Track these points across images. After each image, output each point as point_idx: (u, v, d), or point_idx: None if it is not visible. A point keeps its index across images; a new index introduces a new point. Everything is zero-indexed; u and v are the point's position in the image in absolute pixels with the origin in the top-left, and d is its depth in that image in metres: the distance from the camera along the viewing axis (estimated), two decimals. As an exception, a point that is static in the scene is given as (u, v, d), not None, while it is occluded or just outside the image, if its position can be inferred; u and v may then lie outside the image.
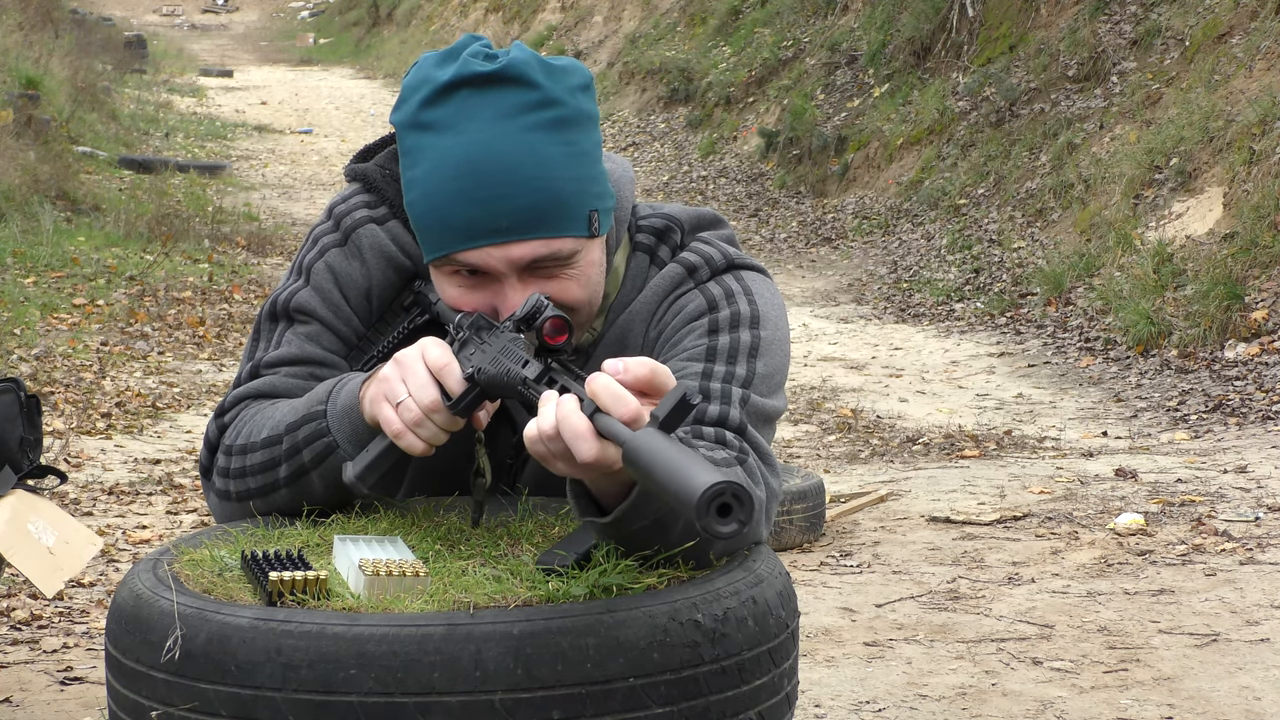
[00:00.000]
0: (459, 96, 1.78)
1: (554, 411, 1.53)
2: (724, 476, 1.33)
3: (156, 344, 8.29)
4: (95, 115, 16.69)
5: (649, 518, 1.58)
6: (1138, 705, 3.49)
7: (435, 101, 1.79)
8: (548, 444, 1.53)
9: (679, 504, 1.35)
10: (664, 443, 1.40)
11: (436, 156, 1.78)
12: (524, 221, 1.77)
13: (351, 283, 1.95)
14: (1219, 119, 9.29)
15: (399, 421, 1.71)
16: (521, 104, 1.78)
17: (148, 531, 5.03)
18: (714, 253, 1.94)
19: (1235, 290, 7.81)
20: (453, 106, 1.78)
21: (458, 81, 1.78)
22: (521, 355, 1.68)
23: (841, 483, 5.86)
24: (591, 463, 1.50)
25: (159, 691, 1.56)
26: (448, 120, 1.78)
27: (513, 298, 1.80)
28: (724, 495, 1.32)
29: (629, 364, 1.52)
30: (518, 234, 1.77)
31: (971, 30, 13.53)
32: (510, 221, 1.77)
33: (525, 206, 1.77)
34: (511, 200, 1.77)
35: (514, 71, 1.78)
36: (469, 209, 1.77)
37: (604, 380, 1.50)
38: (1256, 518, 5.01)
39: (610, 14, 21.23)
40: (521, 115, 1.78)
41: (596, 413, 1.49)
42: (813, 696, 3.56)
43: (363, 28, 31.24)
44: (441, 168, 1.78)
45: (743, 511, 1.33)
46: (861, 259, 11.97)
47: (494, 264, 1.79)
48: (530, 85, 1.78)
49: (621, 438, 1.45)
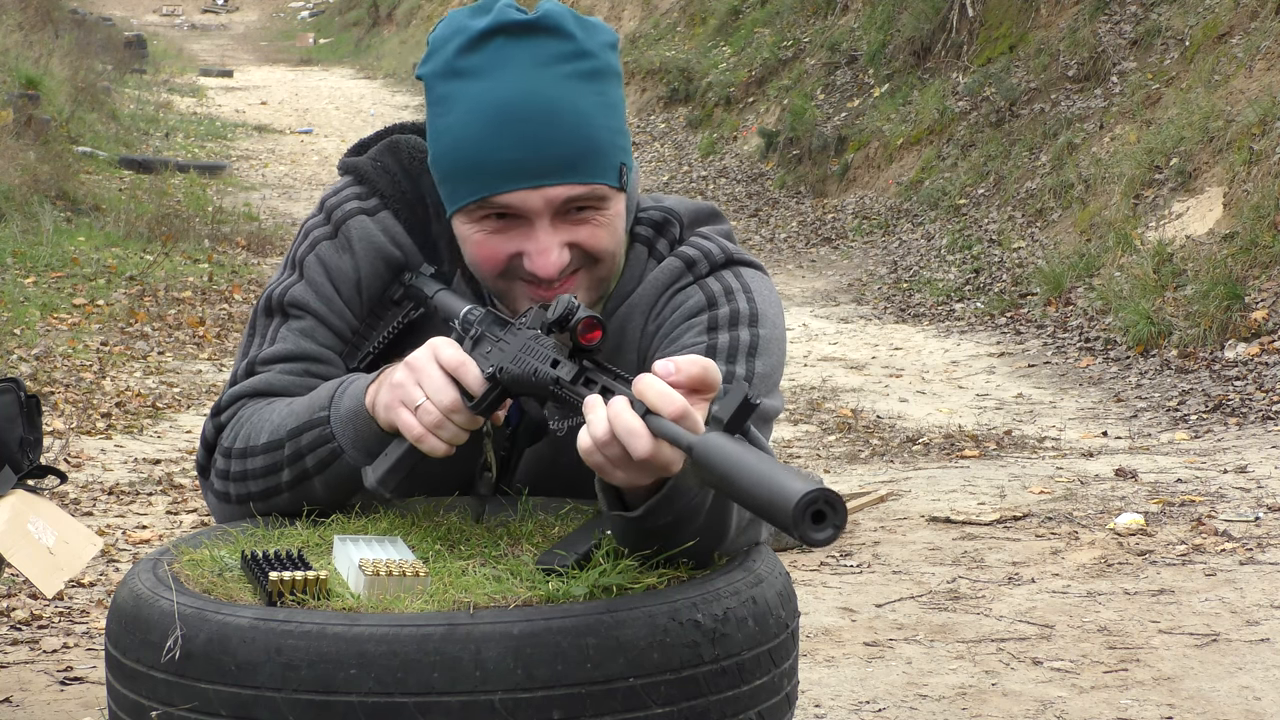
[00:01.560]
0: (495, 44, 1.79)
1: (604, 415, 1.52)
2: (814, 483, 1.33)
3: (156, 344, 8.29)
4: (95, 115, 16.68)
5: (672, 514, 1.58)
6: (1138, 705, 3.49)
7: (471, 49, 1.80)
8: (604, 450, 1.52)
9: (769, 512, 1.34)
10: (738, 448, 1.40)
11: (472, 101, 1.79)
12: (562, 164, 1.78)
13: (342, 275, 1.94)
14: (1219, 119, 9.29)
15: (419, 425, 1.70)
16: (558, 53, 1.79)
17: (148, 531, 5.03)
18: (713, 248, 1.94)
19: (1235, 290, 7.81)
20: (489, 53, 1.79)
21: (495, 29, 1.79)
22: (549, 354, 1.67)
23: (841, 483, 5.86)
24: (648, 459, 1.49)
25: (159, 691, 1.56)
26: (484, 66, 1.79)
27: (544, 240, 1.80)
28: (818, 503, 1.32)
29: (680, 363, 1.52)
30: (556, 177, 1.78)
31: (971, 30, 13.52)
32: (550, 164, 1.78)
33: (564, 150, 1.78)
34: (551, 143, 1.77)
35: (550, 21, 1.80)
36: (509, 150, 1.77)
37: (650, 380, 1.49)
38: (1256, 518, 5.01)
39: (610, 14, 21.23)
40: (558, 64, 1.79)
41: (648, 414, 1.49)
42: (813, 696, 3.56)
43: (363, 28, 31.25)
44: (478, 111, 1.78)
45: (837, 517, 1.33)
46: (861, 259, 11.97)
47: (532, 204, 1.79)
48: (566, 35, 1.80)
49: (685, 441, 1.44)
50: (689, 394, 1.51)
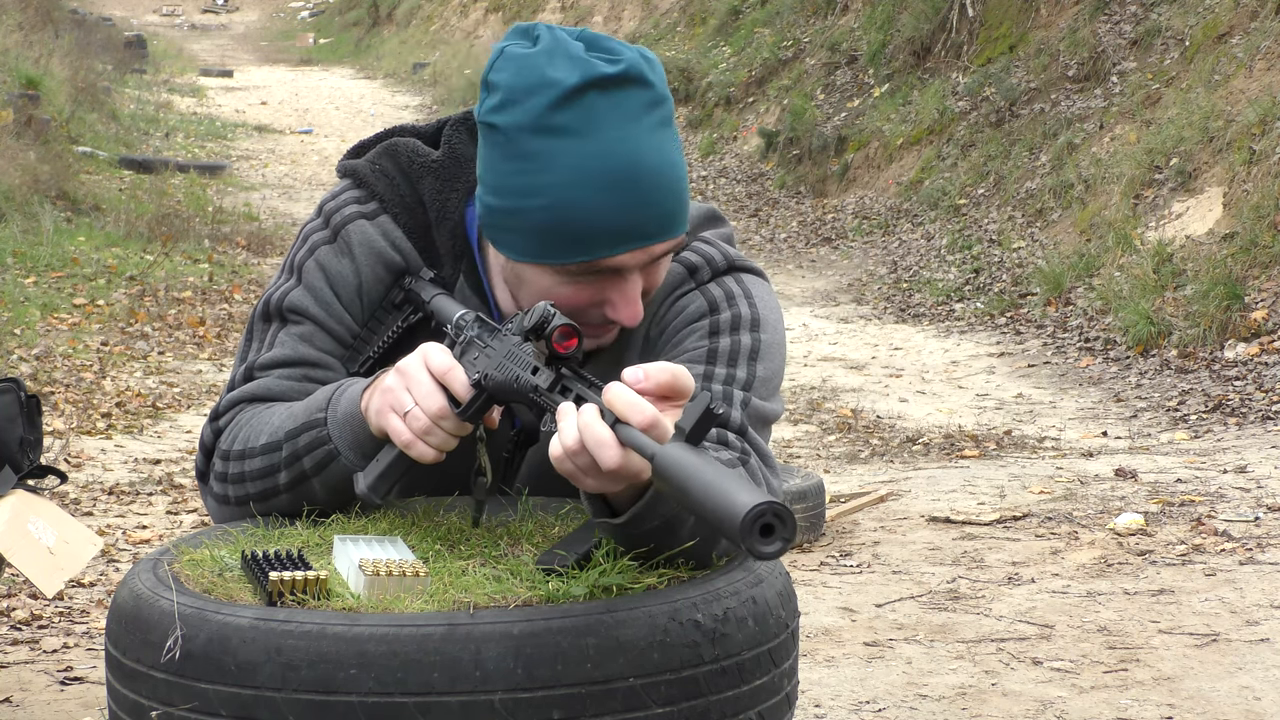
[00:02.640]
0: (588, 99, 1.76)
1: (575, 424, 1.52)
2: (765, 496, 1.32)
3: (156, 344, 8.29)
4: (95, 115, 16.69)
5: (660, 518, 1.59)
6: (1138, 705, 3.49)
7: (563, 104, 1.76)
8: (574, 459, 1.53)
9: (719, 524, 1.34)
10: (695, 459, 1.40)
11: (575, 162, 1.76)
12: (667, 222, 1.80)
13: (342, 280, 1.94)
14: (1219, 119, 9.29)
15: (408, 431, 1.70)
16: (644, 103, 1.78)
17: (148, 531, 5.03)
18: (715, 253, 1.95)
19: (1235, 290, 7.81)
20: (582, 110, 1.76)
21: (588, 84, 1.76)
22: (529, 362, 1.67)
23: (841, 483, 5.86)
24: (617, 470, 1.50)
25: (159, 691, 1.56)
26: (579, 125, 1.76)
27: (632, 291, 1.82)
28: (766, 516, 1.32)
29: (649, 370, 1.52)
30: (661, 236, 1.80)
31: (971, 30, 13.52)
32: (658, 224, 1.79)
33: (669, 208, 1.80)
34: (660, 205, 1.78)
35: (635, 71, 1.78)
36: (621, 215, 1.77)
37: (619, 389, 1.50)
38: (1256, 518, 5.01)
39: (610, 14, 21.23)
40: (646, 115, 1.78)
41: (618, 423, 1.49)
42: (813, 696, 3.56)
43: (363, 28, 31.24)
44: (582, 174, 1.76)
45: (785, 530, 1.33)
46: (861, 259, 11.97)
47: (635, 261, 1.81)
48: (647, 84, 1.79)
49: (648, 450, 1.44)
50: (659, 401, 1.51)
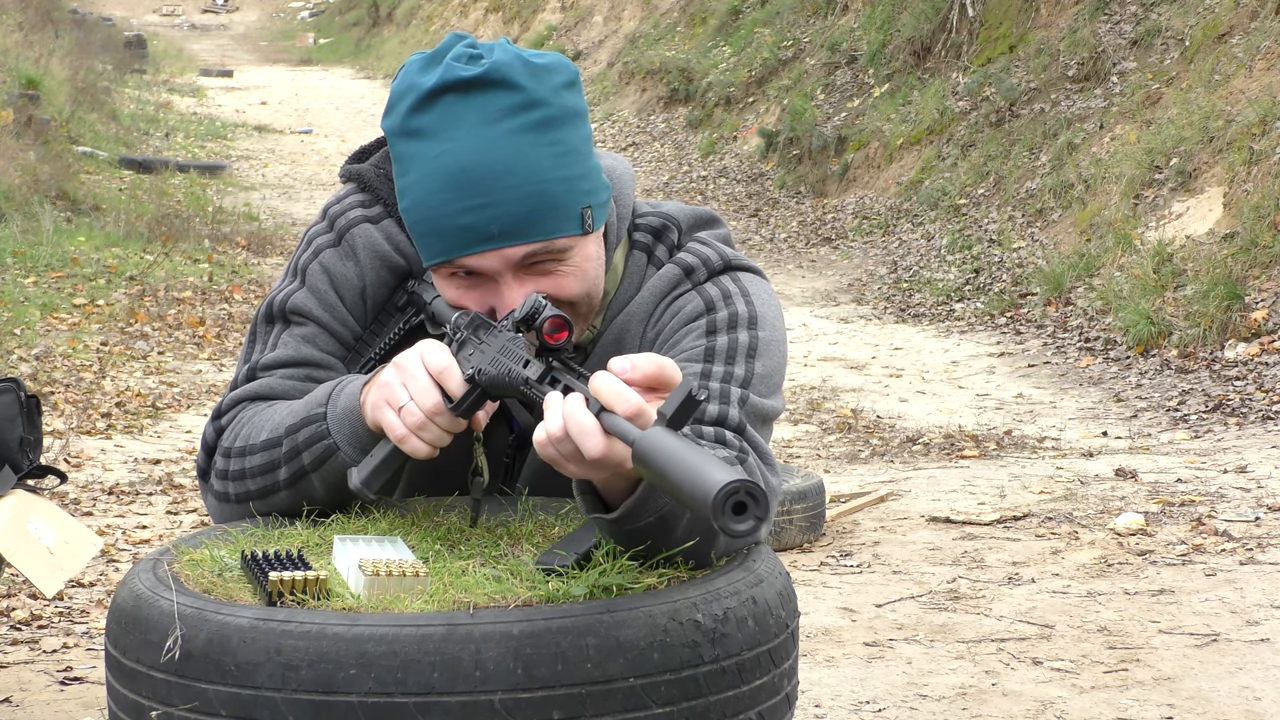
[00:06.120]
0: (444, 102, 1.78)
1: (560, 412, 1.53)
2: (738, 475, 1.32)
3: (156, 344, 8.29)
4: (95, 115, 16.69)
5: (654, 514, 1.59)
6: (1138, 705, 3.49)
7: (421, 108, 1.79)
8: (557, 446, 1.54)
9: (693, 503, 1.34)
10: (674, 441, 1.40)
11: (425, 165, 1.78)
12: (517, 227, 1.78)
13: (346, 283, 1.95)
14: (1219, 119, 9.29)
15: (402, 426, 1.72)
16: (506, 107, 1.77)
17: (148, 531, 5.03)
18: (711, 254, 1.95)
19: (1235, 290, 7.81)
20: (437, 113, 1.78)
21: (441, 88, 1.78)
22: (521, 355, 1.68)
23: (841, 483, 5.86)
24: (600, 458, 1.50)
25: (159, 691, 1.56)
26: (433, 127, 1.78)
27: (509, 296, 1.81)
28: (738, 494, 1.32)
29: (636, 361, 1.53)
30: (510, 239, 1.78)
31: (971, 30, 13.52)
32: (502, 227, 1.77)
33: (516, 210, 1.77)
34: (502, 207, 1.77)
35: (497, 74, 1.78)
36: (463, 216, 1.77)
37: (605, 378, 1.50)
38: (1256, 518, 5.01)
39: (610, 14, 21.23)
40: (506, 119, 1.77)
41: (603, 411, 1.49)
42: (813, 696, 3.56)
43: (363, 28, 31.24)
44: (431, 176, 1.78)
45: (758, 509, 1.32)
46: (861, 259, 11.97)
47: (490, 265, 1.80)
48: (514, 87, 1.78)
49: (630, 436, 1.45)
50: (646, 392, 1.51)
